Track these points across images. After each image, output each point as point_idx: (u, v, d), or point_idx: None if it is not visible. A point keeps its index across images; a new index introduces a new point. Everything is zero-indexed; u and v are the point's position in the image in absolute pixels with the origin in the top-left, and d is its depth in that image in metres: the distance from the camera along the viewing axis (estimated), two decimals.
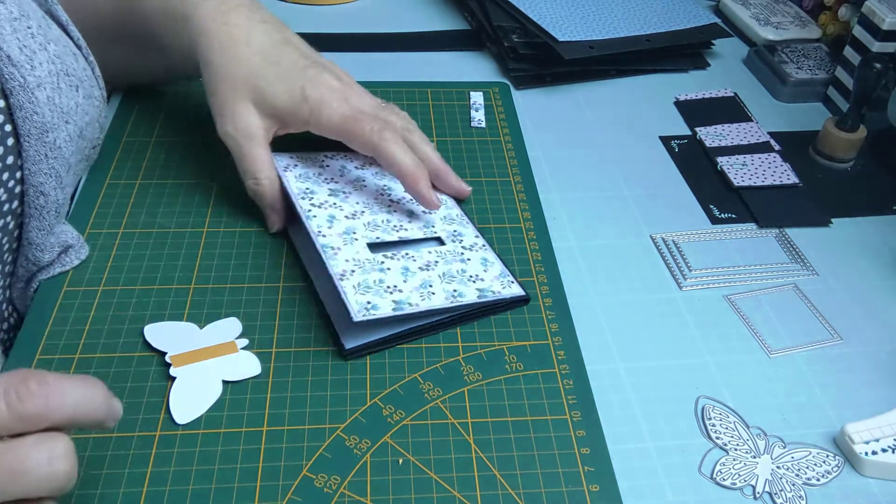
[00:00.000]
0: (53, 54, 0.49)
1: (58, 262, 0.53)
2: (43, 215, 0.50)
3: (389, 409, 0.48)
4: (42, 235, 0.51)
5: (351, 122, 0.55)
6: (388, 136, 0.55)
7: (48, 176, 0.49)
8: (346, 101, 0.56)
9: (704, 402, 0.50)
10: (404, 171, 0.55)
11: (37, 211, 0.50)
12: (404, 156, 0.55)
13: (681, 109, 0.75)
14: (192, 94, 0.70)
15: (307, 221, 0.54)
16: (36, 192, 0.49)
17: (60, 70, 0.49)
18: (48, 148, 0.48)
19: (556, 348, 0.51)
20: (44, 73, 0.48)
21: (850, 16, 0.78)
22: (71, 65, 0.50)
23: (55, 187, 0.50)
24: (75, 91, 0.50)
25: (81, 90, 0.51)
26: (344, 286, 0.50)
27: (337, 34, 0.82)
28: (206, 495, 0.43)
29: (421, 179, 0.55)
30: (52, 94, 0.48)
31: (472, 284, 0.53)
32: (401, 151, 0.55)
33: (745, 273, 0.59)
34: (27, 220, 0.50)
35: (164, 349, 0.49)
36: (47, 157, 0.49)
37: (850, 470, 0.47)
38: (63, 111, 0.49)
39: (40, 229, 0.50)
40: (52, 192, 0.50)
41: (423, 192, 0.55)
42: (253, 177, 0.56)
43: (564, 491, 0.44)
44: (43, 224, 0.50)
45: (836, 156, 0.69)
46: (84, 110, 0.52)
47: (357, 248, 0.53)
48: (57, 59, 0.49)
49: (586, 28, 0.77)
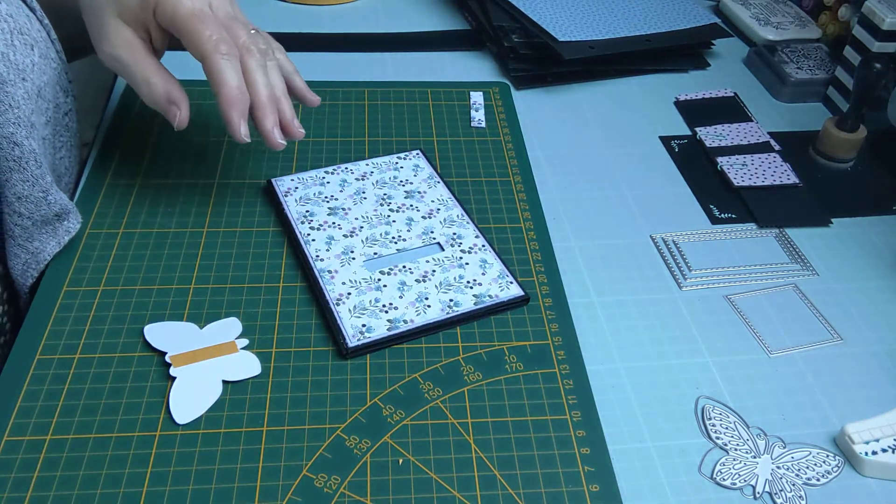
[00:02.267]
0: (6, 13, 0.49)
1: (63, 229, 0.53)
2: (23, 166, 0.49)
3: (389, 409, 0.48)
4: (29, 187, 0.50)
5: (194, 21, 0.51)
6: (224, 49, 0.51)
7: (16, 126, 0.49)
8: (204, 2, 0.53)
9: (704, 402, 0.50)
10: (221, 91, 0.51)
11: (15, 163, 0.49)
12: (229, 75, 0.51)
13: (681, 109, 0.75)
14: (193, 94, 0.70)
15: (305, 247, 0.56)
16: (9, 144, 0.49)
17: (14, 28, 0.49)
18: (10, 98, 0.48)
19: (556, 348, 0.51)
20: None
21: (850, 16, 0.78)
22: (24, 24, 0.50)
23: (27, 136, 0.49)
24: (30, 49, 0.50)
25: (37, 49, 0.51)
26: (339, 311, 0.51)
27: (337, 34, 0.82)
28: (206, 495, 0.43)
29: (234, 105, 0.51)
30: (6, 51, 0.48)
31: (470, 291, 0.53)
32: (229, 69, 0.51)
33: (745, 273, 0.59)
34: (9, 175, 0.49)
35: (164, 349, 0.49)
36: (11, 107, 0.48)
37: (850, 470, 0.47)
38: (19, 68, 0.49)
39: (25, 181, 0.50)
40: (25, 140, 0.49)
41: (232, 119, 0.51)
42: (145, 81, 0.53)
43: (564, 491, 0.44)
44: (27, 175, 0.50)
45: (836, 156, 0.69)
46: (41, 69, 0.51)
47: (354, 267, 0.54)
48: (10, 17, 0.49)
49: (586, 28, 0.77)
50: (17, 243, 0.52)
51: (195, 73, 0.73)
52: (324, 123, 0.68)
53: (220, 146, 0.65)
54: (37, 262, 0.52)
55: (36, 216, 0.51)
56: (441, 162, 0.65)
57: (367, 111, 0.70)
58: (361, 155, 0.65)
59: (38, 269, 0.52)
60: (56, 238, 0.53)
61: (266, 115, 0.53)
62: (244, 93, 0.52)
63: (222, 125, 0.67)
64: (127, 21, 0.53)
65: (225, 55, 0.51)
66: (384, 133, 0.68)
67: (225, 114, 0.52)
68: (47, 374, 0.48)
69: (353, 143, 0.67)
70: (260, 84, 0.53)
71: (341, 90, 0.72)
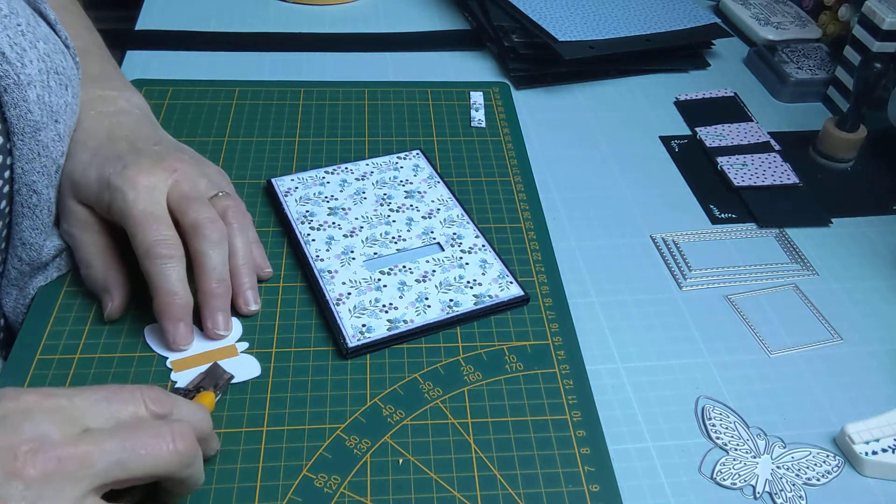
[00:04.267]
0: (43, 52, 0.49)
1: (53, 266, 0.53)
2: (36, 214, 0.50)
3: (389, 409, 0.48)
4: (36, 234, 0.50)
5: (137, 223, 0.48)
6: (158, 251, 0.48)
7: (40, 174, 0.49)
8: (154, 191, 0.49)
9: (704, 402, 0.50)
10: (154, 299, 0.49)
11: (30, 210, 0.49)
12: (160, 280, 0.48)
13: (681, 109, 0.75)
14: (193, 94, 0.70)
15: (305, 247, 0.56)
16: (29, 191, 0.49)
17: (50, 68, 0.49)
18: (41, 146, 0.48)
19: (556, 348, 0.51)
20: (34, 71, 0.47)
21: (850, 16, 0.78)
22: (60, 63, 0.50)
23: (47, 185, 0.50)
24: (64, 90, 0.50)
25: (70, 89, 0.51)
26: (339, 311, 0.51)
27: (337, 34, 0.82)
28: (206, 495, 0.43)
29: (165, 314, 0.48)
30: (42, 93, 0.48)
31: (470, 291, 0.53)
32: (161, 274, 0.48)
33: (745, 273, 0.59)
34: (20, 220, 0.50)
35: (164, 353, 0.49)
36: (39, 156, 0.48)
37: (850, 470, 0.47)
38: (52, 110, 0.49)
39: (34, 228, 0.50)
40: (45, 190, 0.50)
41: (166, 328, 0.49)
42: (86, 263, 0.51)
43: (564, 491, 0.44)
44: (37, 223, 0.50)
45: (836, 156, 0.69)
46: (73, 109, 0.51)
47: (354, 267, 0.54)
48: (47, 57, 0.49)
49: (586, 28, 0.77)
50: (10, 283, 0.52)
51: (196, 73, 0.73)
52: (324, 123, 0.68)
53: (220, 146, 0.65)
54: (24, 297, 0.52)
55: (35, 262, 0.51)
56: (441, 162, 0.65)
57: (367, 111, 0.70)
58: (361, 155, 0.65)
59: (25, 303, 0.52)
60: (45, 275, 0.53)
61: (207, 313, 0.50)
62: (180, 297, 0.48)
63: (222, 125, 0.67)
64: (85, 201, 0.51)
65: (158, 259, 0.48)
66: (384, 133, 0.68)
67: (159, 321, 0.49)
68: (47, 375, 0.48)
69: (353, 143, 0.67)
70: (205, 270, 0.49)
71: (341, 90, 0.72)
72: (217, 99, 0.70)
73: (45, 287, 0.52)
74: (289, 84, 0.72)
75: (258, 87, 0.72)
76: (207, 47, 0.78)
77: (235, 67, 0.75)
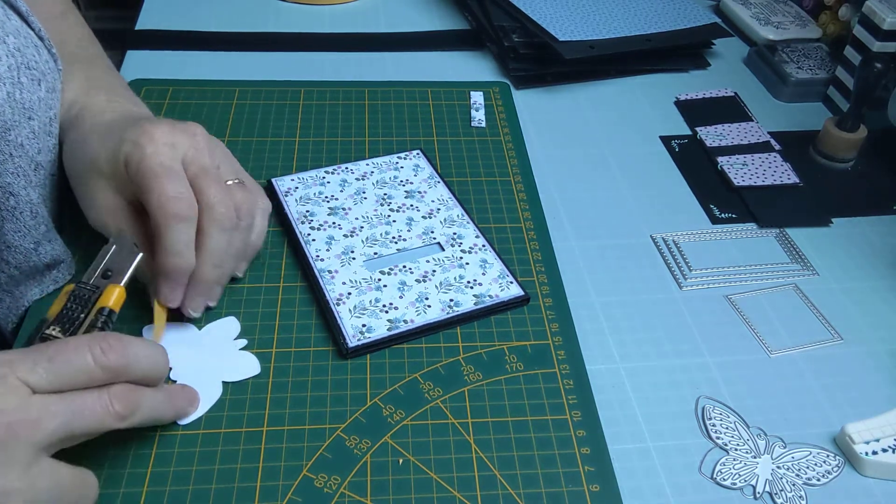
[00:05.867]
0: (13, 47, 0.47)
1: (49, 278, 0.52)
2: (17, 216, 0.48)
3: (389, 409, 0.48)
4: (20, 237, 0.48)
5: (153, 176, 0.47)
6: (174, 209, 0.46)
7: (15, 175, 0.47)
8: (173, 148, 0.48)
9: (704, 402, 0.50)
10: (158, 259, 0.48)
11: (9, 213, 0.48)
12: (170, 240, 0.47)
13: (681, 109, 0.75)
14: (193, 94, 0.70)
15: (305, 247, 0.56)
16: (5, 193, 0.47)
17: (21, 63, 0.47)
18: (12, 147, 0.47)
19: (556, 348, 0.51)
20: (3, 69, 0.46)
21: (851, 16, 0.78)
22: (32, 57, 0.48)
23: (25, 186, 0.48)
24: (37, 85, 0.48)
25: (44, 84, 0.49)
26: (339, 311, 0.51)
27: (337, 34, 0.82)
28: (206, 495, 0.43)
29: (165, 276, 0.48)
30: (12, 90, 0.46)
31: (470, 291, 0.53)
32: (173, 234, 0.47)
33: (745, 273, 0.59)
34: (1, 224, 0.48)
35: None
36: (12, 156, 0.47)
37: (850, 470, 0.47)
38: (25, 107, 0.47)
39: (16, 231, 0.48)
40: (23, 191, 0.48)
41: (160, 289, 0.48)
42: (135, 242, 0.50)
43: (564, 491, 0.44)
44: (19, 225, 0.48)
45: (837, 156, 0.69)
46: (48, 105, 0.50)
47: (354, 267, 0.54)
48: (17, 52, 0.47)
49: (586, 28, 0.77)
50: (1, 288, 0.50)
51: (196, 73, 0.73)
52: (324, 123, 0.68)
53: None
54: (17, 306, 0.51)
55: (24, 266, 0.50)
56: (441, 162, 0.65)
57: (367, 111, 0.70)
58: (361, 155, 0.65)
59: (19, 314, 0.51)
60: (41, 286, 0.52)
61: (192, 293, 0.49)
62: (186, 261, 0.47)
63: (222, 125, 0.67)
64: (109, 184, 0.50)
65: (173, 218, 0.46)
66: (384, 133, 0.68)
67: (155, 280, 0.48)
68: None
69: (353, 143, 0.67)
70: (206, 252, 0.48)
71: (341, 90, 0.72)
72: (217, 99, 0.70)
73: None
74: (289, 84, 0.72)
75: (258, 87, 0.72)
76: (207, 47, 0.78)
77: (235, 67, 0.75)
